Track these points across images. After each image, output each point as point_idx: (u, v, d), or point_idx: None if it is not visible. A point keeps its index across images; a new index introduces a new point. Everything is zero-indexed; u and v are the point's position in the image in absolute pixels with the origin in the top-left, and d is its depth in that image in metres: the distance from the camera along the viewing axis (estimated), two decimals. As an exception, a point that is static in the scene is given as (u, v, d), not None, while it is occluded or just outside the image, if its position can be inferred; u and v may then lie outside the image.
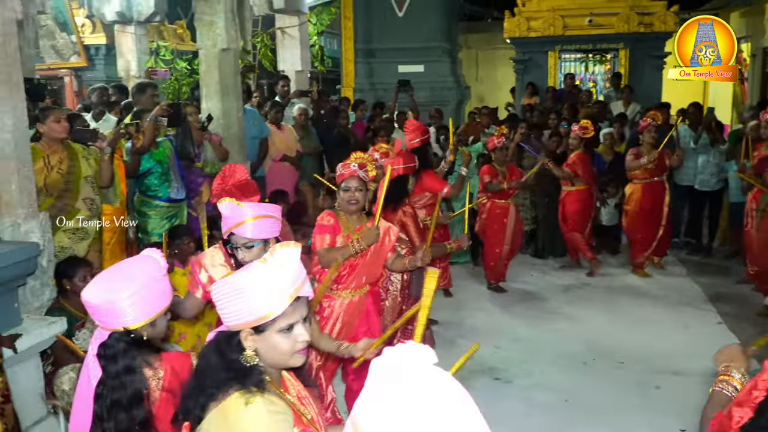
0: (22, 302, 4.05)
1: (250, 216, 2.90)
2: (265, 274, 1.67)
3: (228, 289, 1.69)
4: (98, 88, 7.82)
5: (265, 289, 1.66)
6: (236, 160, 6.86)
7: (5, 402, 3.21)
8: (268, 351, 1.73)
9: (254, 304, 1.66)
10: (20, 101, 4.05)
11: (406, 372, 1.09)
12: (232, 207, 2.91)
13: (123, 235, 5.38)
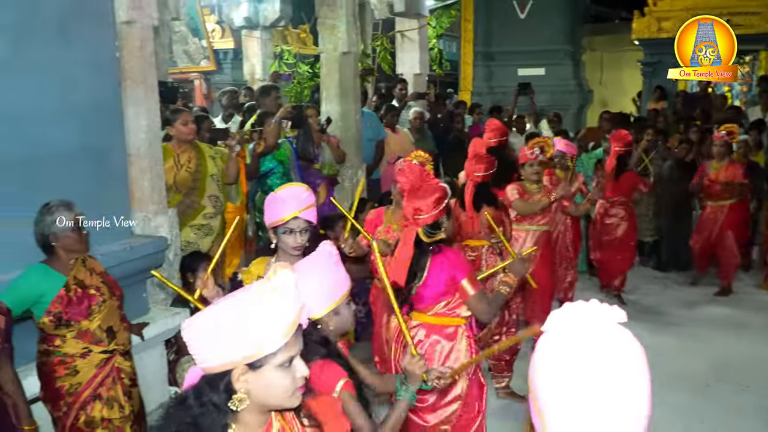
0: (149, 293, 4.29)
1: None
2: (268, 298, 1.43)
3: (220, 318, 1.42)
4: (228, 90, 8.17)
5: (268, 315, 1.42)
6: (353, 162, 6.97)
7: (132, 386, 3.39)
8: (263, 391, 1.46)
9: (255, 334, 1.40)
10: (154, 103, 4.29)
11: (590, 328, 1.07)
12: None
13: (242, 233, 5.58)
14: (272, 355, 1.42)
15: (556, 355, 1.09)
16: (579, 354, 1.06)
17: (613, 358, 1.06)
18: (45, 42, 3.54)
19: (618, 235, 6.85)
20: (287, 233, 2.90)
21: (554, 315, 1.12)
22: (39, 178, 3.48)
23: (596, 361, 1.05)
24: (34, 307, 3.09)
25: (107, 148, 3.97)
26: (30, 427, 2.96)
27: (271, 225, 2.95)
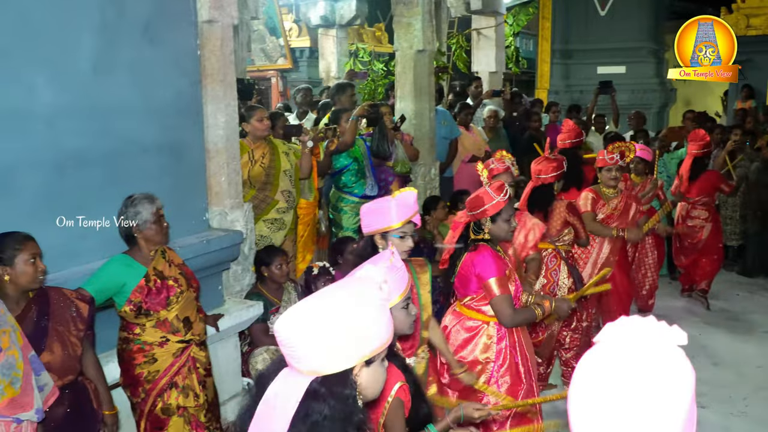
0: (225, 285, 4.39)
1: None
2: (382, 297, 1.51)
3: (339, 326, 1.42)
4: (302, 88, 8.28)
5: (382, 315, 1.48)
6: (426, 160, 6.95)
7: (207, 375, 3.47)
8: (371, 384, 1.53)
9: (376, 334, 1.46)
10: (232, 100, 4.38)
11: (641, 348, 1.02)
12: None
13: (314, 228, 5.64)
14: (383, 351, 1.51)
15: (596, 369, 1.04)
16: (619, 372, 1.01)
17: (655, 383, 0.99)
18: (131, 42, 3.66)
19: (702, 238, 6.57)
20: (402, 237, 2.90)
21: (607, 329, 1.07)
22: (122, 172, 3.61)
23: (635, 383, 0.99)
24: (116, 296, 3.20)
25: (187, 144, 4.08)
26: (110, 412, 3.08)
27: (380, 230, 2.92)
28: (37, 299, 2.78)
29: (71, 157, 3.37)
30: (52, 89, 3.27)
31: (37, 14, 3.21)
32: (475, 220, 3.36)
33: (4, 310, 2.50)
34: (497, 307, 3.30)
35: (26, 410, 2.46)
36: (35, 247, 2.69)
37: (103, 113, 3.52)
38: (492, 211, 3.29)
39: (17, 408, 2.43)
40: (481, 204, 3.30)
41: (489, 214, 3.29)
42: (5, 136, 3.08)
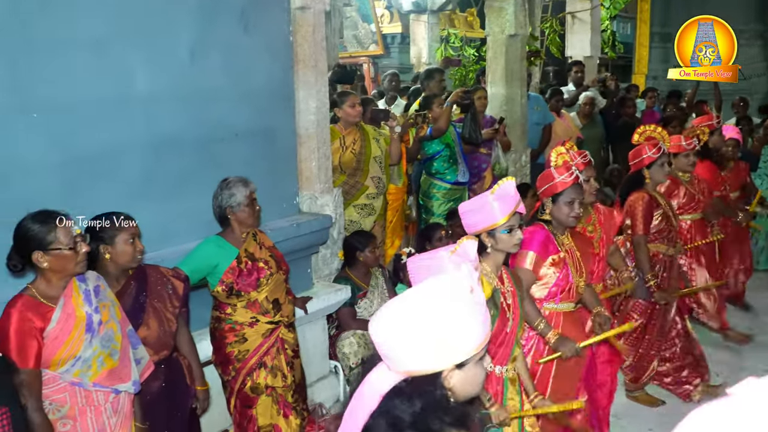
0: (313, 269, 4.45)
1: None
2: (474, 302, 1.43)
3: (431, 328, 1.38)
4: (390, 74, 8.27)
5: (478, 319, 1.43)
6: (517, 147, 6.81)
7: (295, 357, 3.53)
8: (464, 386, 1.47)
9: (469, 337, 1.41)
10: (323, 86, 4.41)
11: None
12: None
13: (403, 214, 5.63)
14: (478, 354, 1.45)
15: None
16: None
17: None
18: (226, 28, 3.75)
19: None
20: (510, 231, 2.78)
21: (747, 384, 0.93)
22: (216, 156, 3.70)
23: None
24: (209, 276, 3.30)
25: (278, 129, 4.15)
26: (202, 387, 3.18)
27: (485, 229, 2.79)
28: (136, 276, 2.90)
29: (168, 141, 3.49)
30: (150, 76, 3.39)
31: (138, 3, 3.32)
32: (541, 202, 3.33)
33: (104, 285, 2.62)
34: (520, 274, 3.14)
35: (124, 381, 2.57)
36: (134, 228, 2.79)
37: (198, 99, 3.62)
38: (552, 191, 3.25)
39: (116, 379, 2.54)
40: (543, 183, 3.29)
41: (549, 193, 3.26)
42: (107, 121, 3.22)
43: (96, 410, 2.51)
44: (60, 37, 3.03)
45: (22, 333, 2.34)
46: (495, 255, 2.85)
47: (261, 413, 3.40)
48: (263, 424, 3.40)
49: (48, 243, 2.35)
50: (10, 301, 2.39)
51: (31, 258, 2.37)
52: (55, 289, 2.44)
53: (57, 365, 2.41)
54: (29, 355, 2.34)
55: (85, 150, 3.15)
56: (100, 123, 3.19)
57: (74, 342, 2.42)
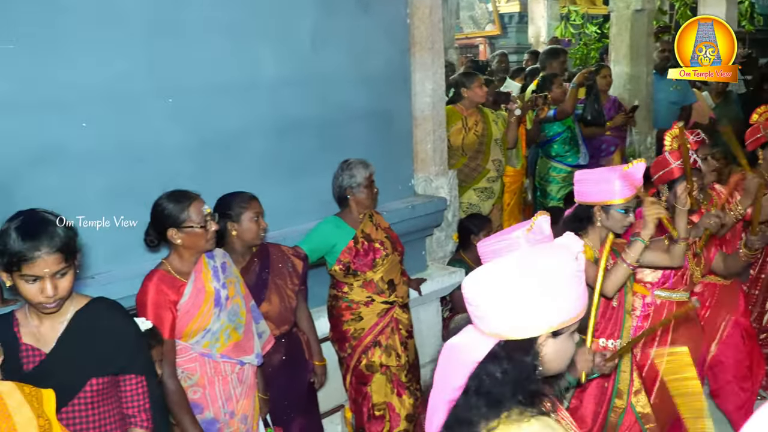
0: (428, 251, 4.47)
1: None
2: (575, 268, 1.37)
3: (532, 292, 1.34)
4: (498, 54, 8.12)
5: (576, 285, 1.37)
6: (642, 128, 6.53)
7: (409, 337, 3.58)
8: (555, 357, 1.42)
9: (568, 304, 1.36)
10: (440, 67, 4.40)
11: None
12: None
13: (521, 197, 5.55)
14: (574, 324, 1.40)
15: None
16: None
17: None
18: (346, 12, 3.81)
19: None
20: (626, 212, 2.76)
21: None
22: (335, 139, 3.79)
23: None
24: (327, 255, 3.39)
25: (395, 111, 4.18)
26: (320, 363, 3.29)
27: (599, 203, 2.77)
28: (259, 254, 3.03)
29: (291, 124, 3.60)
30: (275, 61, 3.51)
31: (263, -10, 3.44)
32: (656, 189, 3.22)
33: (230, 262, 2.76)
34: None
35: (248, 354, 2.71)
36: (259, 206, 2.92)
37: (319, 82, 3.71)
38: (668, 177, 3.14)
39: (241, 351, 2.68)
40: (658, 169, 3.19)
41: (665, 179, 3.16)
42: (235, 105, 3.37)
43: (223, 380, 2.67)
44: (195, 23, 3.19)
45: (159, 305, 2.50)
46: (598, 231, 2.82)
47: (375, 391, 3.47)
48: (377, 401, 3.48)
49: (182, 221, 2.50)
50: (147, 275, 2.56)
51: (166, 234, 2.53)
52: (187, 265, 2.58)
53: (188, 336, 2.57)
54: (165, 326, 2.50)
55: (215, 133, 3.31)
56: (230, 107, 3.34)
57: (204, 315, 2.57)
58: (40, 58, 2.74)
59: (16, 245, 1.81)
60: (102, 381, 2.03)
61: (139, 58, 3.03)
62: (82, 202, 2.81)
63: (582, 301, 1.39)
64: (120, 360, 2.08)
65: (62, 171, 2.84)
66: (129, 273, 2.94)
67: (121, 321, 2.13)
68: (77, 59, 2.84)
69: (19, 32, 2.68)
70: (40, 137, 2.77)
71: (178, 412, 2.49)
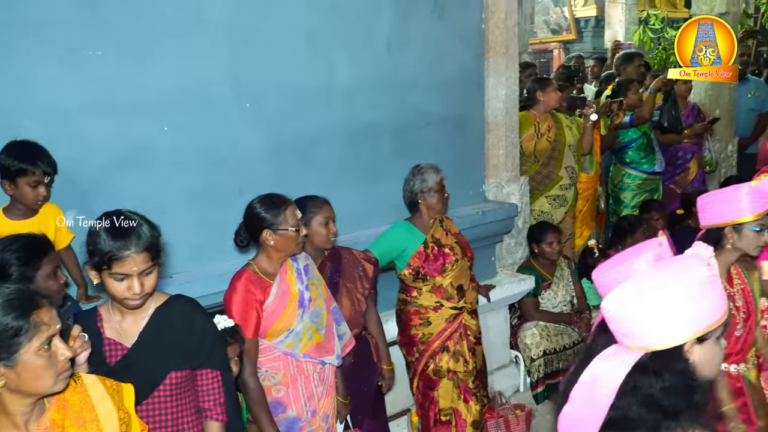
0: (497, 257, 4.44)
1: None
2: (711, 272, 1.40)
3: (678, 300, 1.36)
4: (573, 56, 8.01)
5: (718, 291, 1.40)
6: (723, 135, 6.32)
7: (477, 343, 3.56)
8: (704, 363, 1.44)
9: (708, 308, 1.39)
10: (513, 73, 4.37)
11: None
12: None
13: (594, 204, 5.44)
14: (717, 328, 1.42)
15: None
16: None
17: None
18: (421, 18, 3.83)
19: None
20: (760, 230, 2.55)
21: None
22: (408, 144, 3.81)
23: None
24: (397, 259, 3.41)
25: (468, 116, 4.18)
26: (388, 366, 3.30)
27: (728, 223, 2.58)
28: (331, 258, 3.07)
29: (365, 129, 3.65)
30: (350, 66, 3.56)
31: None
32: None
33: (312, 265, 2.81)
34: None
35: (329, 354, 2.76)
36: (329, 211, 2.94)
37: (393, 88, 3.74)
38: None
39: (322, 352, 2.74)
40: None
41: None
42: (311, 110, 3.43)
43: (306, 379, 2.72)
44: (274, 30, 3.27)
45: (246, 304, 2.56)
46: (729, 254, 2.63)
47: (442, 396, 3.47)
48: (444, 406, 3.48)
49: (278, 223, 2.56)
50: (236, 275, 2.62)
51: (259, 236, 2.59)
52: (273, 267, 2.64)
53: (272, 336, 2.63)
54: (250, 324, 2.56)
55: (292, 137, 3.38)
56: (306, 112, 3.41)
57: (288, 316, 2.62)
58: (127, 64, 2.86)
59: (106, 245, 1.89)
60: (180, 375, 2.10)
61: (221, 64, 3.12)
62: (163, 203, 2.93)
63: (721, 305, 1.41)
64: (198, 355, 2.15)
65: (145, 173, 2.95)
66: (206, 273, 3.04)
67: (199, 317, 2.20)
68: (162, 65, 2.95)
69: (107, 39, 2.81)
70: (125, 140, 2.90)
71: (256, 410, 2.56)
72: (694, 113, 5.87)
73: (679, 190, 5.65)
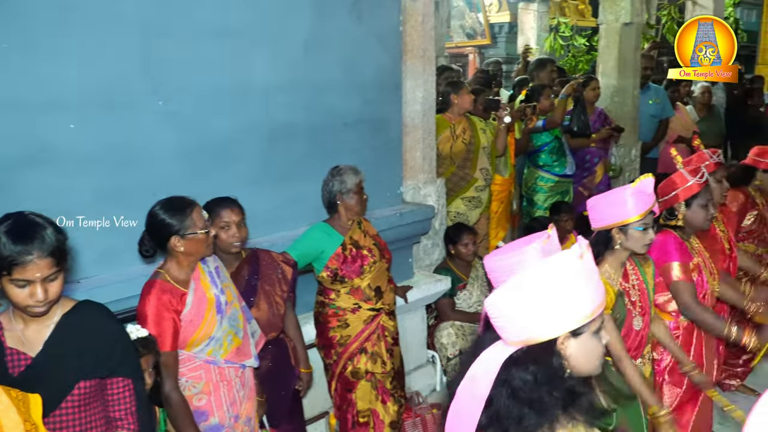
0: (415, 258, 4.48)
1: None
2: (584, 268, 1.42)
3: (546, 293, 1.39)
4: (492, 62, 8.20)
5: (590, 283, 1.42)
6: (628, 141, 6.59)
7: (394, 344, 3.58)
8: (580, 358, 1.46)
9: (580, 302, 1.40)
10: (430, 75, 4.42)
11: None
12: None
13: (509, 206, 5.58)
14: (592, 322, 1.45)
15: None
16: None
17: None
18: (339, 19, 3.82)
19: None
20: (644, 230, 2.67)
21: None
22: (325, 145, 3.79)
23: None
24: (315, 261, 3.39)
25: (385, 118, 4.19)
26: (306, 370, 3.28)
27: (616, 224, 2.69)
28: (249, 260, 3.02)
29: (282, 129, 3.60)
30: (267, 66, 3.50)
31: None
32: (667, 207, 3.10)
33: (222, 266, 2.74)
34: (676, 294, 3.02)
35: (248, 357, 2.71)
36: (230, 215, 2.83)
37: (311, 88, 3.71)
38: (685, 195, 3.05)
39: (242, 355, 2.68)
40: (673, 187, 3.07)
41: (681, 198, 3.05)
42: (227, 109, 3.36)
43: (228, 385, 2.66)
44: (189, 26, 3.17)
45: (161, 316, 2.45)
46: (620, 253, 2.75)
47: (360, 397, 3.48)
48: (362, 408, 3.48)
49: (186, 228, 2.45)
50: (146, 286, 2.51)
51: (167, 243, 2.47)
52: (185, 273, 2.55)
53: (192, 346, 2.55)
54: (167, 336, 2.45)
55: (207, 137, 3.29)
56: (222, 111, 3.33)
57: (208, 323, 2.55)
58: (33, 57, 2.72)
59: (6, 249, 1.78)
60: (90, 384, 2.01)
61: (133, 60, 3.01)
62: (69, 204, 2.79)
63: (596, 298, 1.43)
64: (108, 363, 2.06)
65: (50, 173, 2.80)
66: (116, 277, 2.93)
67: (109, 324, 2.11)
68: (71, 60, 2.81)
69: (12, 31, 2.66)
70: (29, 138, 2.74)
71: (181, 425, 2.46)
72: (601, 119, 6.10)
73: (587, 193, 5.87)
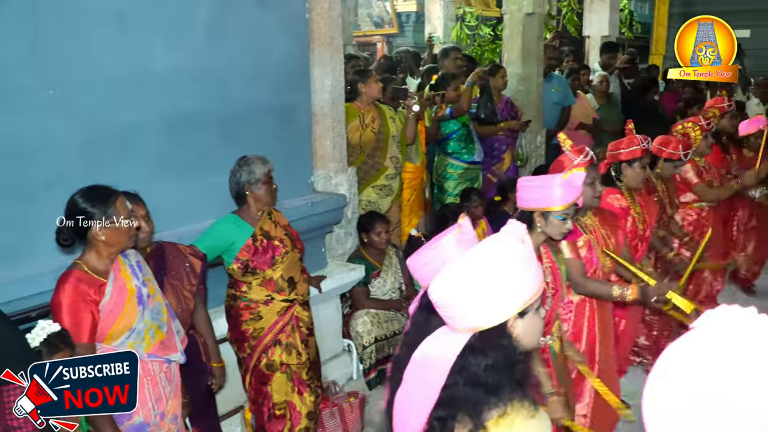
0: (328, 248, 4.46)
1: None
2: (523, 252, 1.47)
3: (491, 280, 1.42)
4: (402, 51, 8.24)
5: (530, 266, 1.48)
6: (533, 128, 6.77)
7: (309, 335, 3.55)
8: (527, 334, 1.52)
9: (527, 285, 1.46)
10: (338, 64, 4.39)
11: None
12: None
13: (421, 193, 5.63)
14: (536, 300, 1.50)
15: (684, 358, 0.88)
16: (711, 364, 0.84)
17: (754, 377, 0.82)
18: (243, 5, 3.72)
19: None
20: (563, 219, 2.72)
21: (707, 316, 0.89)
22: (233, 134, 3.70)
23: (730, 377, 0.83)
24: (225, 254, 3.31)
25: (294, 107, 4.14)
26: (218, 365, 3.20)
27: (540, 209, 2.73)
28: (154, 254, 2.90)
29: (186, 119, 3.48)
30: (167, 52, 3.37)
31: (155, -22, 3.30)
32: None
33: (143, 260, 2.62)
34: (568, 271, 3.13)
35: (174, 352, 2.61)
36: (142, 208, 2.74)
37: (215, 76, 3.61)
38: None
39: (167, 350, 2.58)
40: (561, 167, 3.11)
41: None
42: (125, 98, 3.21)
43: (152, 380, 2.55)
44: (79, 11, 3.01)
45: (78, 307, 2.34)
46: (538, 236, 2.81)
47: (276, 390, 3.43)
48: (278, 400, 3.43)
49: (108, 217, 2.36)
50: (63, 276, 2.39)
51: (86, 232, 2.37)
52: (104, 264, 2.44)
53: (112, 338, 2.43)
54: (83, 328, 2.34)
55: (106, 127, 3.14)
56: (120, 100, 3.19)
57: (129, 314, 2.44)
58: None
59: None
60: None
61: (19, 46, 2.83)
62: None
63: (537, 277, 1.49)
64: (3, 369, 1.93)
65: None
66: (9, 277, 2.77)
67: (2, 327, 1.99)
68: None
69: None
70: None
71: (99, 423, 2.32)
72: (508, 107, 6.24)
73: (496, 179, 6.01)
